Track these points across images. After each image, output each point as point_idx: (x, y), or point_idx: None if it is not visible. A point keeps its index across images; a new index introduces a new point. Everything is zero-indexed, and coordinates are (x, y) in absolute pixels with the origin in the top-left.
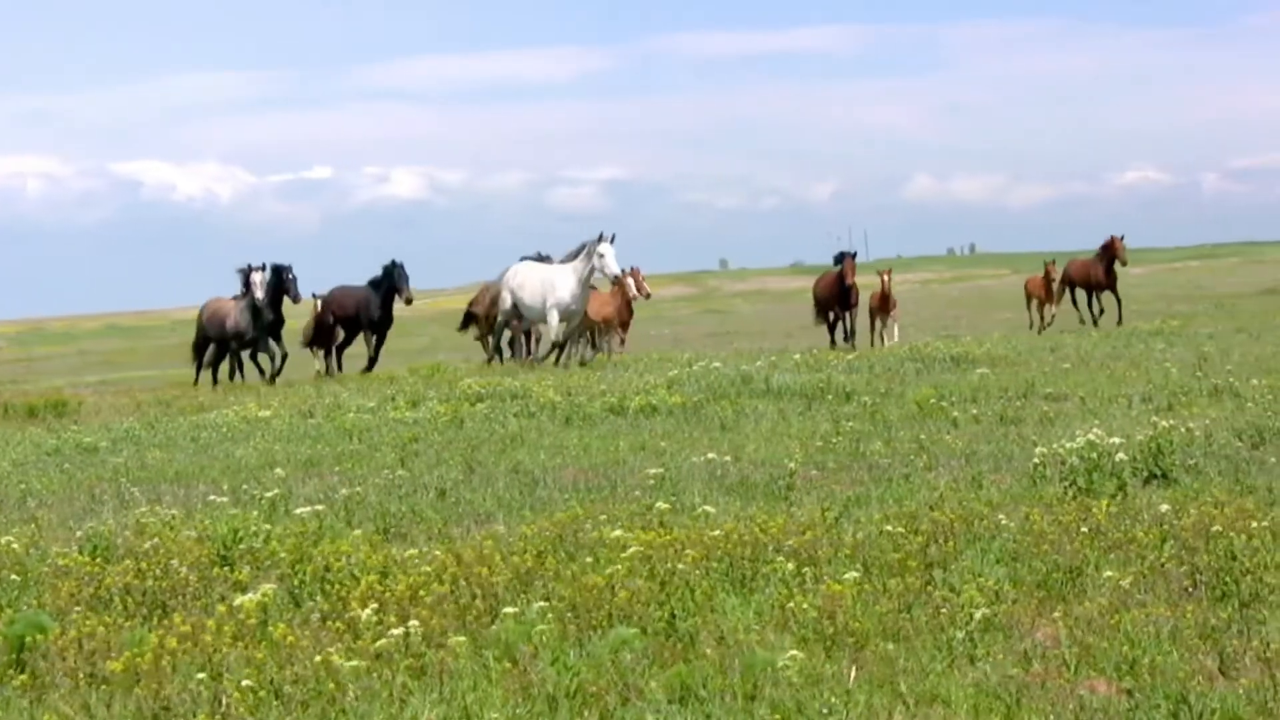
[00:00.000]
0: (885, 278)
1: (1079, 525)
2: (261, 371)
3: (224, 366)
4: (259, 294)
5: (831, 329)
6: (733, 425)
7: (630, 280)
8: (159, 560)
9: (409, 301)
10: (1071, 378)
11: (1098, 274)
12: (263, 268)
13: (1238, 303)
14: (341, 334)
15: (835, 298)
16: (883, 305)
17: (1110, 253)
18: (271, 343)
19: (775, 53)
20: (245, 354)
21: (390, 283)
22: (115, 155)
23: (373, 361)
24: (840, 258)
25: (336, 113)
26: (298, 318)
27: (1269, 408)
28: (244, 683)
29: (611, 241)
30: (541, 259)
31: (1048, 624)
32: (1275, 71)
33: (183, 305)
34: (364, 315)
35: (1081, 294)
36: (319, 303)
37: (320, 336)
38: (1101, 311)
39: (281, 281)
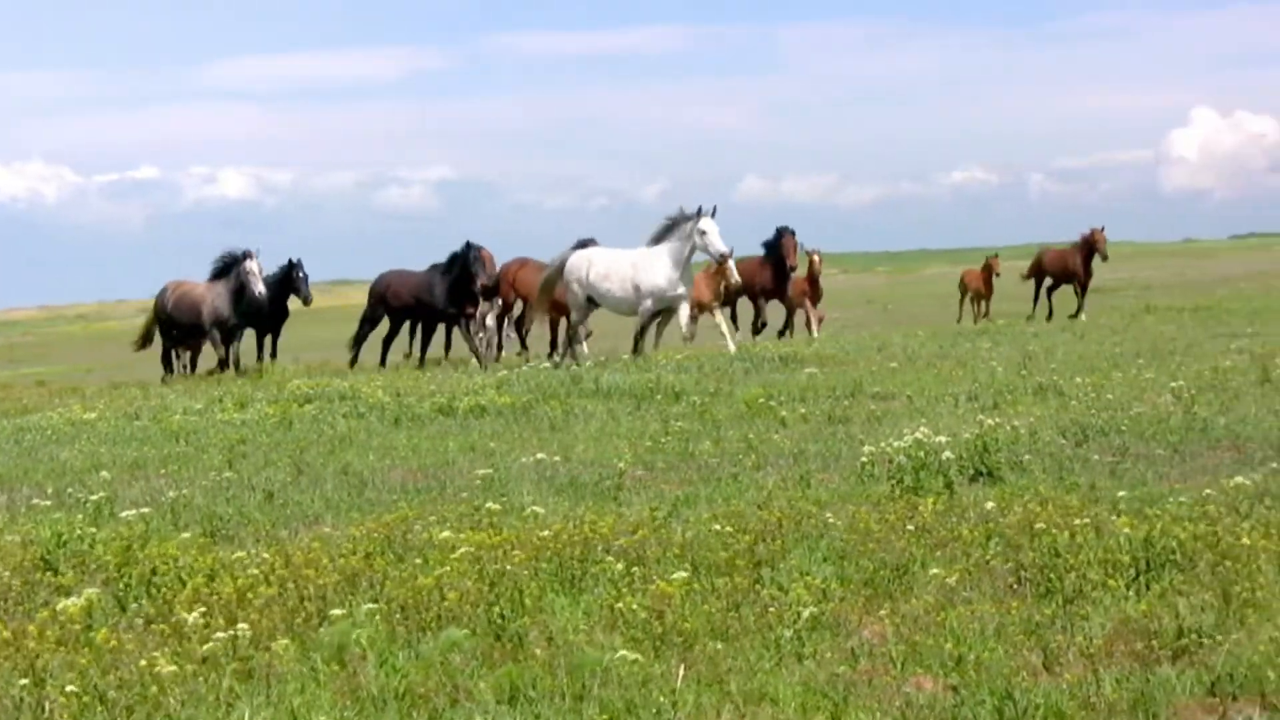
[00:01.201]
0: (815, 260)
1: (906, 523)
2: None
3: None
4: (258, 287)
5: (758, 318)
6: (562, 425)
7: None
8: None
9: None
10: (899, 377)
11: (1075, 266)
12: (247, 255)
13: (1062, 301)
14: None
15: (772, 284)
16: (812, 292)
17: (1090, 245)
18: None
19: (606, 53)
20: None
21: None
22: None
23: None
24: (778, 237)
25: (164, 112)
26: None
27: (1092, 405)
28: (68, 688)
29: (713, 216)
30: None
31: (875, 622)
32: (1100, 74)
33: (9, 306)
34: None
35: (1055, 286)
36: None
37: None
38: (1079, 308)
39: (291, 279)
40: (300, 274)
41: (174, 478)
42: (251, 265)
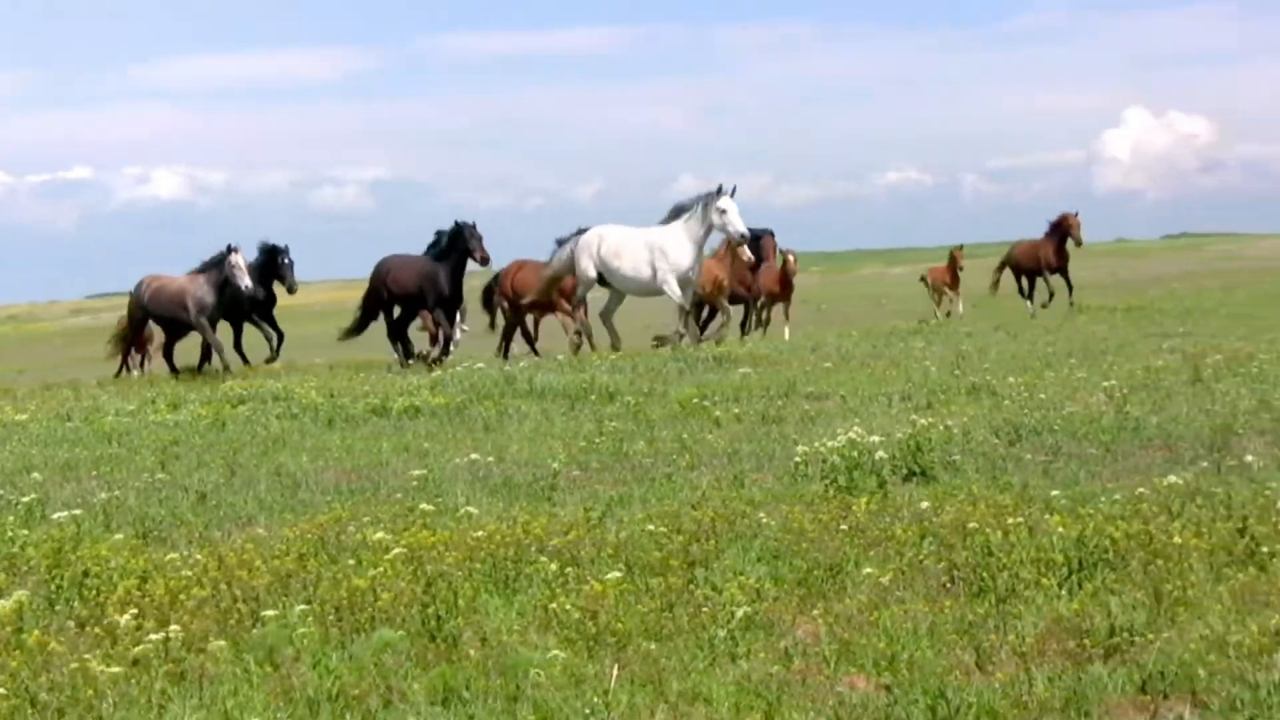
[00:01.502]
0: (791, 259)
1: (839, 523)
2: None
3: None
4: (245, 281)
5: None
6: (496, 426)
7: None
8: None
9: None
10: (833, 377)
11: (1048, 255)
12: (231, 250)
13: (996, 301)
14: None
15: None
16: (783, 290)
17: (1062, 231)
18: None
19: (542, 53)
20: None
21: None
22: None
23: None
24: (757, 237)
25: (97, 112)
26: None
27: (1025, 405)
28: None
29: (732, 195)
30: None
31: (808, 621)
32: (1032, 75)
33: None
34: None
35: (1027, 281)
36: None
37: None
38: (1051, 296)
39: (275, 265)
40: (285, 260)
41: (106, 479)
42: (236, 259)
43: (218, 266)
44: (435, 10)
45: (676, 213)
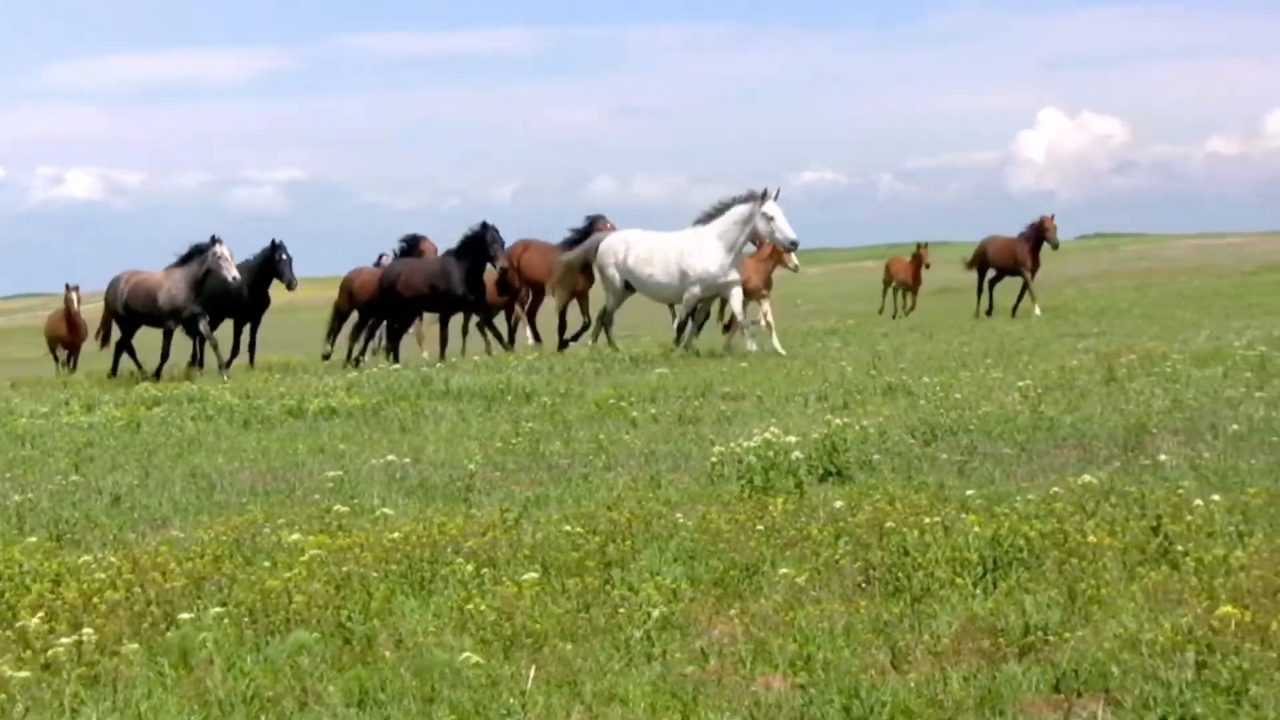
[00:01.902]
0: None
1: (755, 523)
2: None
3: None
4: (231, 272)
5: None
6: (412, 427)
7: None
8: None
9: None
10: (749, 377)
11: (1023, 255)
12: (215, 241)
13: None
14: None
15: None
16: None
17: (1039, 233)
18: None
19: (457, 54)
20: (195, 339)
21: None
22: None
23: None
24: None
25: (9, 113)
26: None
27: (940, 405)
28: None
29: (776, 199)
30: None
31: (724, 621)
32: (946, 75)
33: None
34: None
35: (999, 277)
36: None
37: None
38: (1021, 298)
39: (273, 261)
40: (283, 256)
41: (19, 481)
42: (221, 250)
43: (198, 259)
44: (350, 10)
45: (714, 215)
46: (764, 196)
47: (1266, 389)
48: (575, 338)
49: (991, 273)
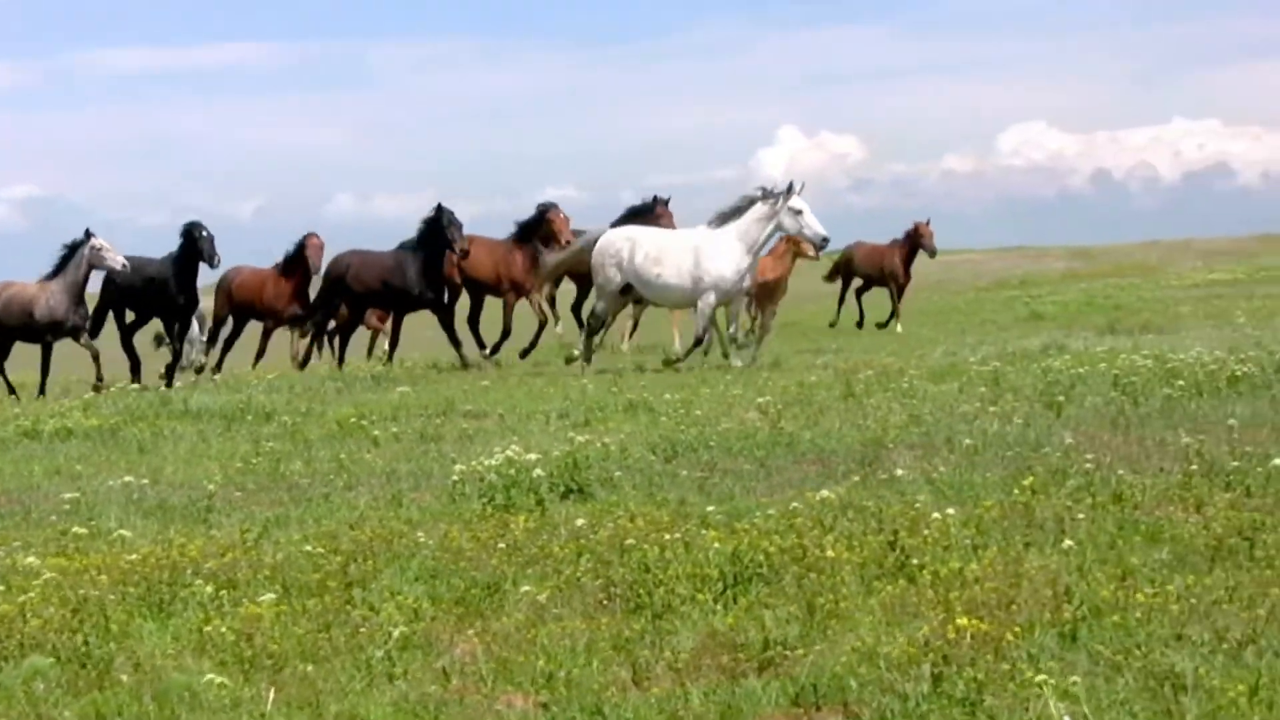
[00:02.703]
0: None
1: (497, 541)
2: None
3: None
4: (118, 260)
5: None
6: (151, 448)
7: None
8: None
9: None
10: (491, 394)
11: (893, 264)
12: (89, 234)
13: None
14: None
15: None
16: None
17: (914, 241)
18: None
19: (196, 68)
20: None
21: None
22: None
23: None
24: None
25: None
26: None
27: (681, 422)
28: None
29: (800, 193)
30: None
31: (466, 640)
32: (694, 93)
33: None
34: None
35: (866, 287)
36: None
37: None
38: (893, 314)
39: (194, 243)
40: (203, 233)
41: None
42: (97, 242)
43: (73, 264)
44: (83, 24)
45: (730, 215)
46: (789, 190)
47: (1000, 403)
48: (496, 349)
49: (858, 282)
